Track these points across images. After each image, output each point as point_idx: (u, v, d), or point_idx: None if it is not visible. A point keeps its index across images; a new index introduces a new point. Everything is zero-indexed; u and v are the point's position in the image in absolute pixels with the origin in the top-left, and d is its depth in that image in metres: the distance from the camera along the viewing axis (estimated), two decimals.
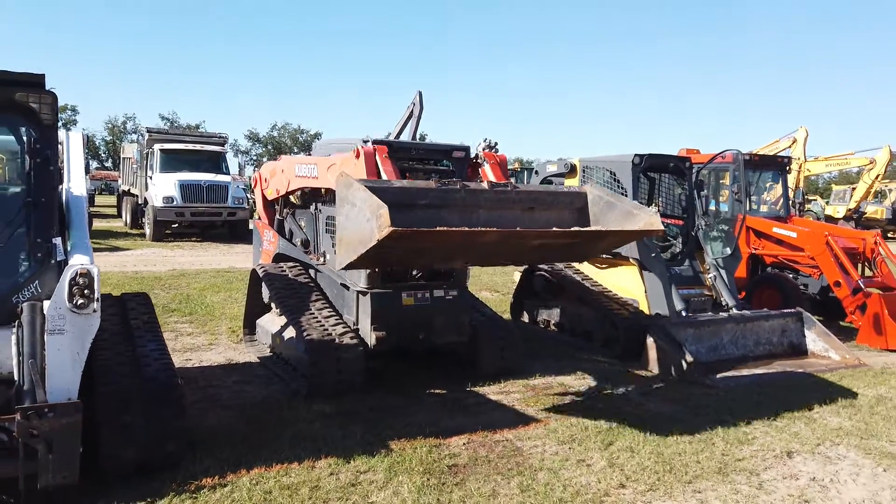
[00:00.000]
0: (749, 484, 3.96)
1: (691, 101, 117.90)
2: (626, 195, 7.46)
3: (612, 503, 3.66)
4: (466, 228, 4.09)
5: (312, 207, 6.49)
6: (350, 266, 4.20)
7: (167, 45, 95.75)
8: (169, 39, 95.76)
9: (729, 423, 4.94)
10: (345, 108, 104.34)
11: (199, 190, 18.27)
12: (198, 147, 20.08)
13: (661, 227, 4.56)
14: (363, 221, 3.82)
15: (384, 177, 5.02)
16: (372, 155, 5.14)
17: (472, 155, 5.72)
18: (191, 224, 19.02)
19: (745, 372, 6.51)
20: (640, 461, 4.19)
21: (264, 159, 68.01)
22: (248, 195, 20.33)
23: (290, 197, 7.05)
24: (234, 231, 19.38)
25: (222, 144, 21.11)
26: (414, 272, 5.85)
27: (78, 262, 3.45)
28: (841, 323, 8.80)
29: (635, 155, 7.52)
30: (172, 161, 18.85)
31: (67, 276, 3.34)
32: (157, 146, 19.11)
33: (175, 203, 17.85)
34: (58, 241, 3.67)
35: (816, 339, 7.30)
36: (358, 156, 5.16)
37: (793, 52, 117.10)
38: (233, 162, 27.92)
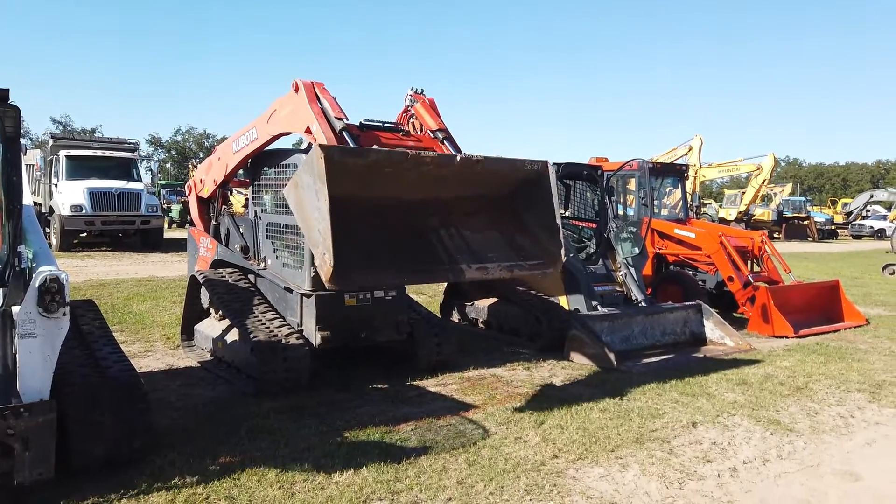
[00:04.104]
0: (662, 450, 4.57)
1: (588, 109, 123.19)
2: None
3: (547, 471, 4.15)
4: (396, 282, 4.54)
5: (252, 213, 6.69)
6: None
7: (51, 42, 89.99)
8: (52, 35, 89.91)
9: (642, 402, 5.58)
10: (250, 112, 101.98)
11: (110, 198, 17.69)
12: (107, 153, 19.40)
13: (557, 270, 5.18)
14: (315, 224, 4.10)
15: (326, 106, 5.17)
16: (311, 87, 5.28)
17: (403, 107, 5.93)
18: (101, 233, 18.37)
19: (653, 358, 7.23)
20: (569, 436, 4.72)
21: (168, 165, 65.42)
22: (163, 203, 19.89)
23: (229, 198, 7.20)
24: (148, 240, 18.85)
25: (133, 150, 20.50)
26: None
27: (46, 268, 3.60)
28: (734, 314, 9.74)
29: (553, 163, 8.14)
30: (80, 168, 18.14)
31: (37, 282, 3.48)
32: (62, 152, 18.36)
33: (84, 211, 17.22)
34: (23, 248, 3.79)
35: (714, 329, 8.15)
36: (297, 89, 5.30)
37: (686, 59, 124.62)
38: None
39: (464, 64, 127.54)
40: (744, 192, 33.27)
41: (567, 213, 9.11)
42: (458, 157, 4.95)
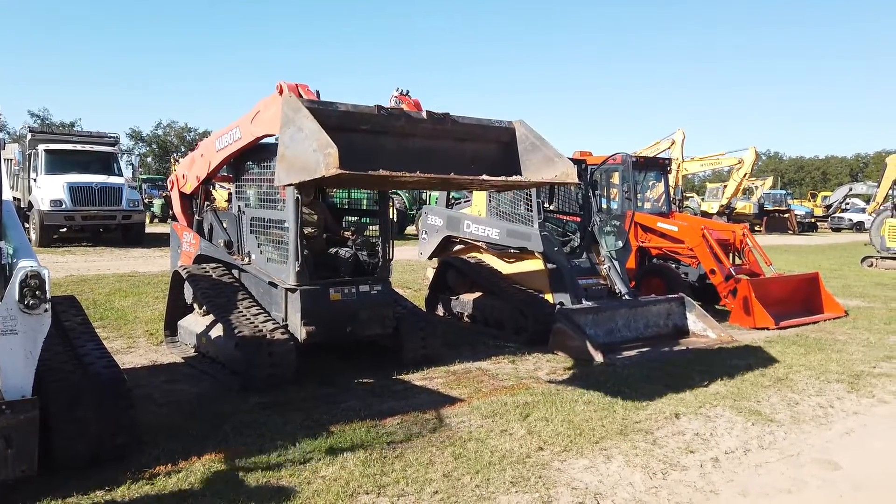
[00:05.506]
0: (645, 441, 4.62)
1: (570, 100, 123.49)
2: (531, 195, 8.10)
3: (532, 463, 4.18)
4: (405, 174, 4.26)
5: (235, 208, 6.64)
6: (289, 185, 4.37)
7: (28, 34, 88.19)
8: (29, 26, 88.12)
9: (626, 394, 5.63)
10: (233, 107, 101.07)
11: (91, 192, 17.47)
12: (87, 147, 19.14)
13: (576, 179, 4.89)
14: (309, 150, 3.90)
15: None
16: (295, 89, 5.29)
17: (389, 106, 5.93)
18: (81, 228, 18.14)
19: (637, 350, 7.30)
20: (554, 428, 4.76)
21: (149, 159, 64.62)
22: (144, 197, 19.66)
23: (212, 193, 7.15)
24: (129, 235, 18.64)
25: (113, 145, 20.25)
26: (340, 270, 6.17)
27: (27, 263, 3.55)
28: (716, 306, 9.84)
29: None
30: (59, 162, 17.89)
31: (18, 277, 3.43)
32: (41, 146, 18.09)
33: (64, 206, 16.98)
34: (2, 244, 3.74)
35: (696, 321, 8.23)
36: (281, 91, 5.29)
37: (669, 54, 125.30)
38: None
39: (448, 56, 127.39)
40: (725, 186, 33.58)
41: (551, 207, 9.14)
42: (425, 112, 4.92)
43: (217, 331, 6.14)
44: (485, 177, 4.73)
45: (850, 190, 44.81)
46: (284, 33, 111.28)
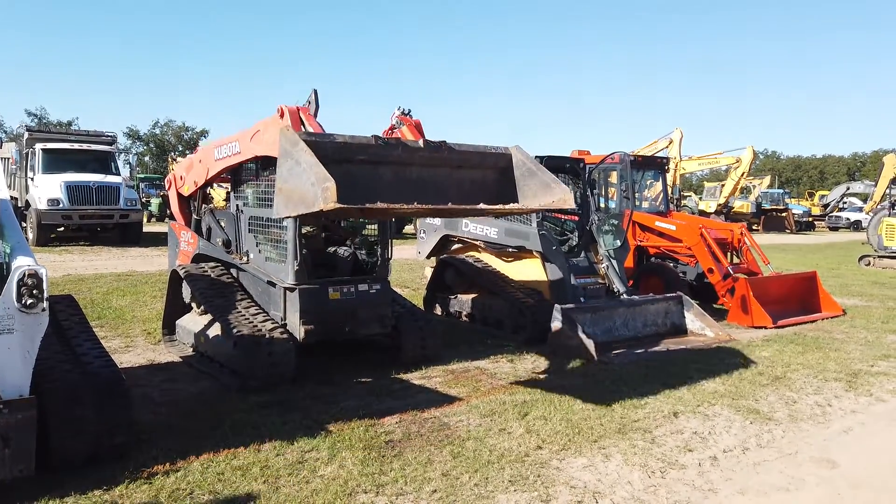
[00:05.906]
0: (644, 439, 4.63)
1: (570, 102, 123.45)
2: None
3: (531, 462, 4.18)
4: (404, 205, 4.28)
5: (234, 207, 6.63)
6: (288, 217, 4.39)
7: (24, 33, 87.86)
8: (25, 25, 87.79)
9: (624, 392, 5.63)
10: (232, 106, 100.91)
11: (88, 191, 17.45)
12: (84, 147, 19.12)
13: (573, 205, 4.93)
14: (307, 184, 3.90)
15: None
16: (296, 113, 5.31)
17: (389, 125, 5.96)
18: (79, 228, 18.13)
19: (635, 349, 7.30)
20: (552, 427, 4.76)
21: (146, 158, 64.49)
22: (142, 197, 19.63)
23: (210, 192, 7.14)
24: (127, 234, 18.62)
25: (111, 143, 20.22)
26: (339, 269, 6.17)
27: (24, 263, 3.54)
28: (714, 305, 9.85)
29: (536, 157, 8.15)
30: (57, 161, 17.88)
31: (15, 276, 3.43)
32: (38, 146, 18.06)
33: (61, 206, 16.97)
34: None
35: (694, 320, 8.24)
36: (282, 115, 5.29)
37: (668, 55, 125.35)
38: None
39: (445, 59, 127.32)
40: (723, 185, 33.63)
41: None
42: (422, 141, 4.96)
43: (215, 330, 6.13)
44: (482, 206, 4.79)
45: (848, 189, 44.91)
46: (284, 33, 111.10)
